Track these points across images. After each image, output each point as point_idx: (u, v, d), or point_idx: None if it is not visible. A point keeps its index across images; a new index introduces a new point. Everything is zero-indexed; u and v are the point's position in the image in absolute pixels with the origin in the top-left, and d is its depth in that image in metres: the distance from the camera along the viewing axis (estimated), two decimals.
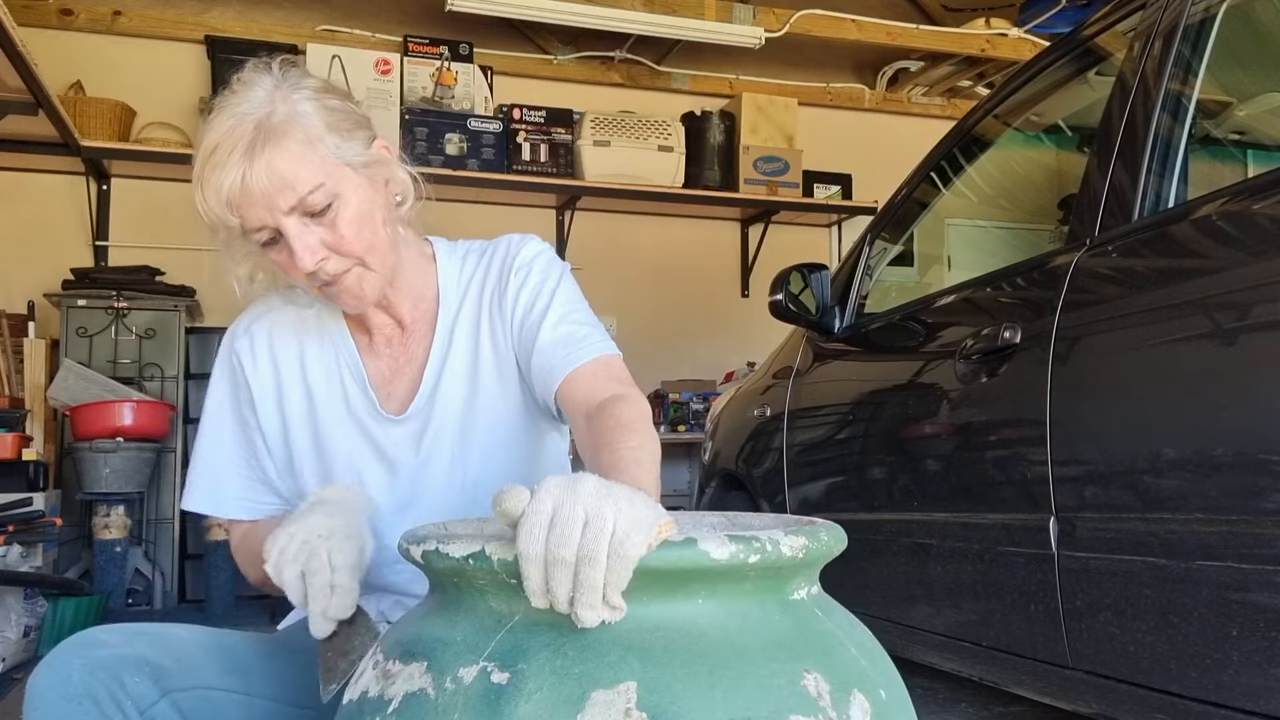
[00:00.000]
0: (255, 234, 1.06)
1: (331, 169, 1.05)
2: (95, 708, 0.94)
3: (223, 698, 1.05)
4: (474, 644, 0.70)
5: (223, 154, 1.01)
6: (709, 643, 0.69)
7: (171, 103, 4.78)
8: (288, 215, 1.04)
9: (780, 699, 0.68)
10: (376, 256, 1.10)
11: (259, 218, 1.03)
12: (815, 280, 2.65)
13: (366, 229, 1.08)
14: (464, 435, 1.20)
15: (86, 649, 0.98)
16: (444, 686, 0.69)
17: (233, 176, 1.01)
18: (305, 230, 1.05)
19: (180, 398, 4.45)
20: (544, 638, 0.69)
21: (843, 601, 0.84)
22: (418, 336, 1.22)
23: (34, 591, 3.33)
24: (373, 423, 1.21)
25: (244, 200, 1.02)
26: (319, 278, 1.08)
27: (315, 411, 1.22)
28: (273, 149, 1.01)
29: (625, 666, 0.66)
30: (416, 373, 1.21)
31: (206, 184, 1.03)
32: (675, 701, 0.65)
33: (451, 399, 1.20)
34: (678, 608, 0.71)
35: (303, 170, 1.03)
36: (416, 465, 1.20)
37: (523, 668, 0.67)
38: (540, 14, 4.68)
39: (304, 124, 1.04)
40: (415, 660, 0.72)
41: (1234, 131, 2.79)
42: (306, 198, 1.03)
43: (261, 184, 1.01)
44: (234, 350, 1.24)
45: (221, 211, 1.03)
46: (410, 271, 1.20)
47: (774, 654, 0.71)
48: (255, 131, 1.02)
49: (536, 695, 0.65)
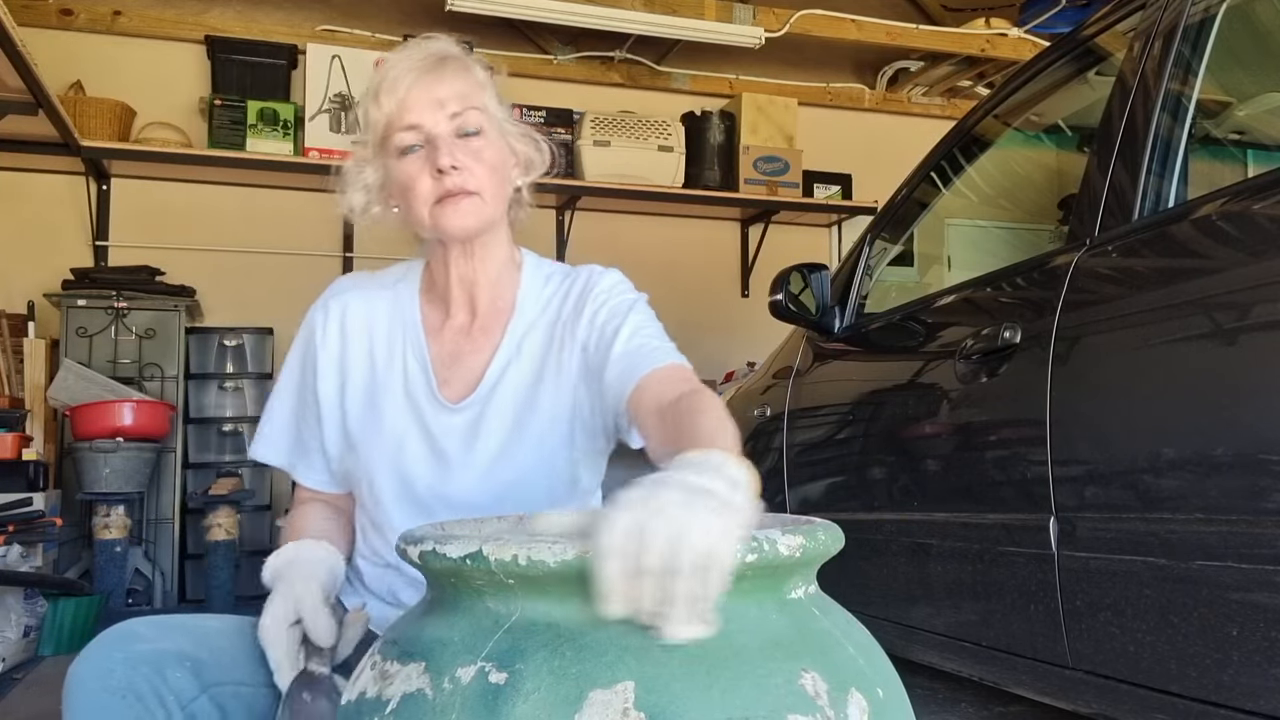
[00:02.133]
0: (405, 134, 1.15)
1: (489, 112, 1.20)
2: (138, 702, 0.94)
3: (251, 693, 1.05)
4: (472, 644, 0.70)
5: (412, 62, 1.16)
6: (706, 642, 0.69)
7: (171, 103, 4.78)
8: (448, 120, 1.16)
9: (778, 698, 0.68)
10: (495, 198, 1.20)
11: (421, 116, 1.15)
12: (815, 280, 2.65)
13: (497, 172, 1.20)
14: (513, 438, 1.22)
15: (127, 643, 0.98)
16: (442, 687, 0.69)
17: (414, 77, 1.15)
18: (453, 143, 1.16)
19: (180, 398, 4.45)
20: (541, 638, 0.69)
21: (842, 601, 0.84)
22: (486, 333, 1.26)
23: (34, 591, 3.33)
24: (427, 405, 1.23)
25: (419, 97, 1.15)
26: (444, 185, 1.15)
27: (376, 386, 1.25)
28: (454, 70, 1.18)
29: (623, 666, 0.66)
30: (479, 366, 1.24)
31: (385, 81, 1.16)
32: (673, 701, 0.65)
33: (507, 400, 1.22)
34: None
35: (472, 94, 1.18)
36: (463, 455, 1.22)
37: (520, 668, 0.67)
38: (540, 14, 4.68)
39: (476, 72, 1.21)
40: (413, 660, 0.72)
41: (1234, 131, 2.79)
42: (467, 112, 1.17)
43: (440, 87, 1.16)
44: (311, 318, 1.30)
45: (391, 106, 1.15)
46: (500, 254, 1.27)
47: (771, 653, 0.71)
48: (444, 54, 1.19)
49: (534, 695, 0.65)
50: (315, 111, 4.68)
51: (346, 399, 1.26)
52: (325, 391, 1.26)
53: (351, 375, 1.26)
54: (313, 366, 1.27)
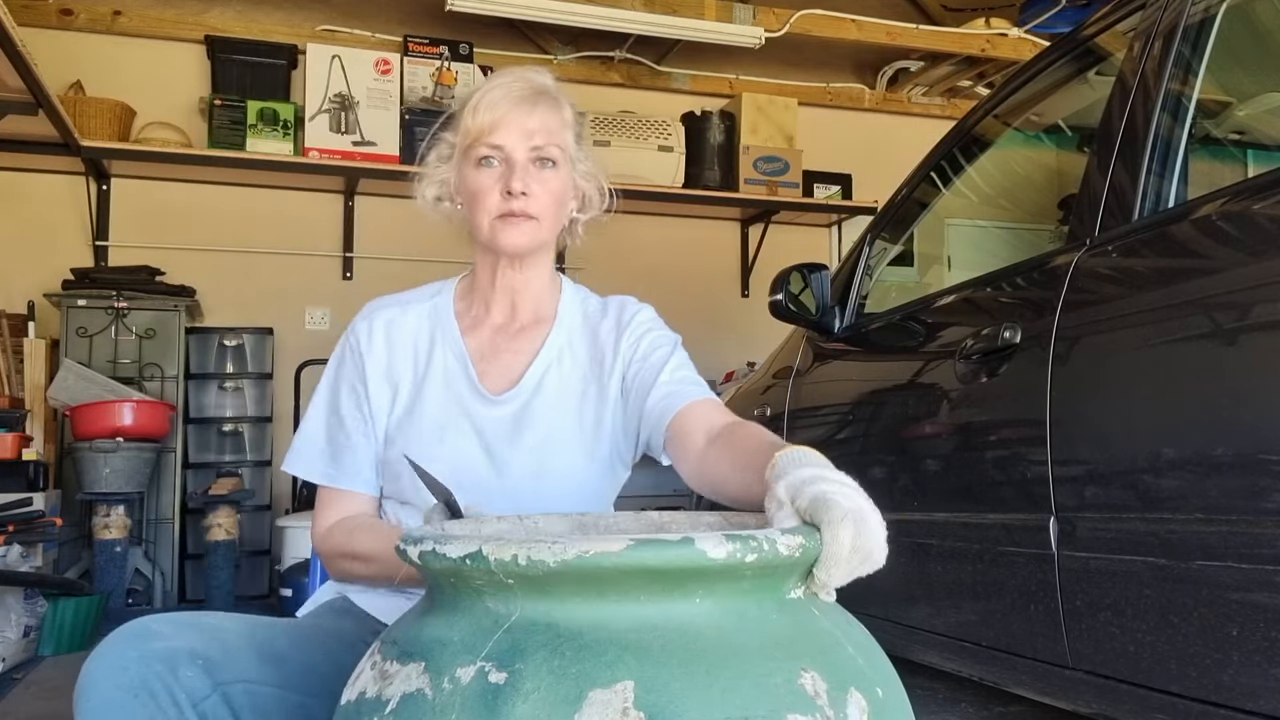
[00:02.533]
0: (486, 148, 1.26)
1: (566, 150, 1.31)
2: (151, 700, 0.94)
3: (261, 692, 1.05)
4: (471, 644, 0.70)
5: (518, 88, 1.27)
6: (706, 642, 0.69)
7: (171, 103, 4.78)
8: (529, 149, 1.26)
9: (778, 698, 0.68)
10: (550, 224, 1.31)
11: (505, 138, 1.25)
12: (815, 280, 2.65)
13: (559, 202, 1.31)
14: (556, 436, 1.29)
15: (141, 640, 0.98)
16: (441, 687, 0.69)
17: (512, 104, 1.26)
18: (528, 169, 1.27)
19: (180, 398, 4.45)
20: (541, 637, 0.69)
21: (842, 602, 0.84)
22: (526, 336, 1.34)
23: (34, 591, 3.33)
24: (470, 396, 1.30)
25: (510, 119, 1.25)
26: (510, 204, 1.26)
27: (417, 381, 1.31)
28: (547, 107, 1.29)
29: (622, 666, 0.67)
30: (520, 364, 1.32)
31: (486, 98, 1.26)
32: (673, 701, 0.65)
33: (548, 400, 1.31)
34: (675, 607, 0.71)
35: (556, 131, 1.29)
36: (508, 446, 1.28)
37: (520, 667, 0.67)
38: (540, 14, 4.68)
39: (568, 113, 1.32)
40: (413, 660, 0.72)
41: (1234, 131, 2.79)
42: (548, 146, 1.28)
43: (532, 120, 1.26)
44: (354, 330, 1.35)
45: (486, 121, 1.25)
46: (545, 274, 1.37)
47: (771, 653, 0.71)
48: (543, 90, 1.30)
49: (534, 695, 0.65)
50: (315, 111, 4.68)
51: (398, 397, 1.31)
52: (377, 394, 1.31)
53: (401, 383, 1.32)
54: (359, 373, 1.32)
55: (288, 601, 3.66)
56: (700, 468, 1.15)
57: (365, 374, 1.31)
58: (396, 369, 1.32)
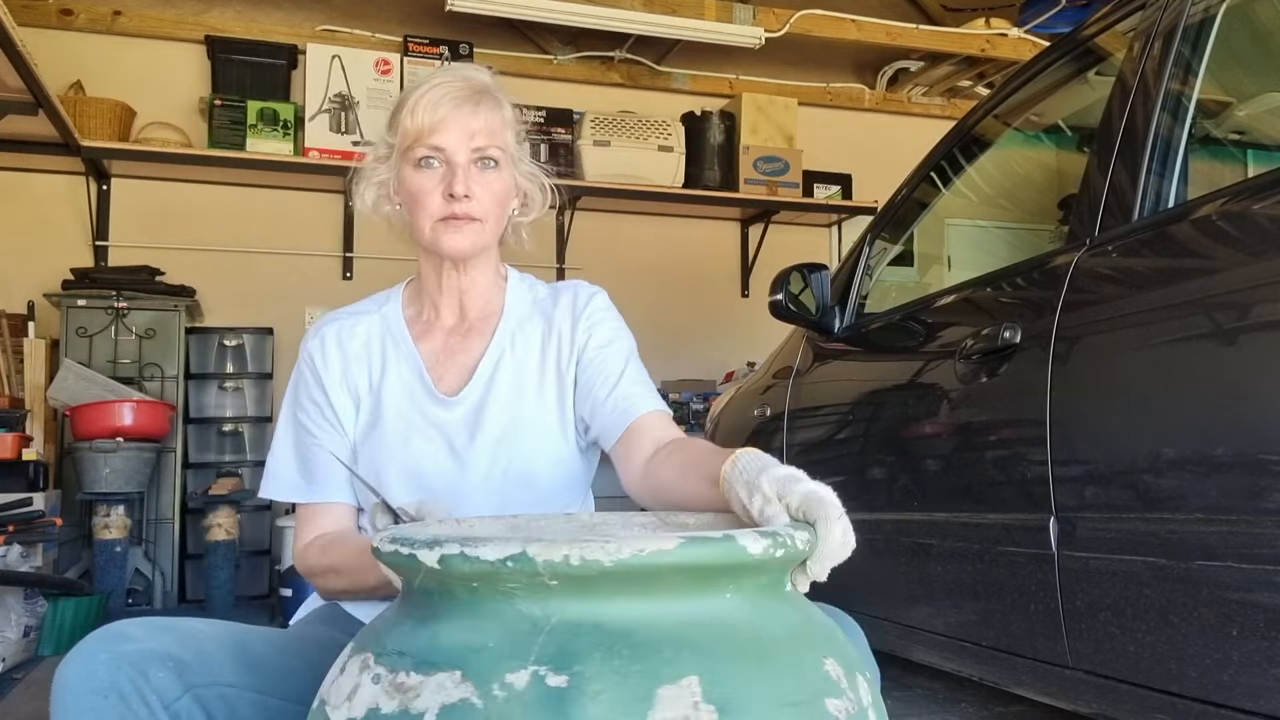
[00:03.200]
0: (426, 150, 1.23)
1: (508, 149, 1.29)
2: (121, 702, 0.95)
3: (238, 695, 1.05)
4: (514, 649, 0.69)
5: (453, 88, 1.24)
6: (745, 635, 0.71)
7: (171, 103, 4.78)
8: (471, 150, 1.24)
9: (815, 685, 0.72)
10: (493, 225, 1.30)
11: (446, 140, 1.23)
12: (815, 280, 2.65)
13: (501, 203, 1.30)
14: (514, 425, 1.29)
15: (113, 643, 0.99)
16: (492, 695, 0.67)
17: (452, 104, 1.23)
18: (470, 171, 1.25)
19: (180, 398, 4.45)
20: (590, 639, 0.68)
21: (843, 602, 0.86)
22: (476, 333, 1.34)
23: (34, 591, 3.33)
24: (426, 399, 1.30)
25: (450, 122, 1.23)
26: (451, 208, 1.24)
27: (374, 391, 1.32)
28: (489, 106, 1.26)
29: (682, 661, 0.68)
30: (471, 361, 1.32)
31: (425, 98, 1.23)
32: (737, 692, 0.68)
33: (503, 392, 1.30)
34: (710, 602, 0.72)
35: (499, 132, 1.27)
36: (469, 445, 1.28)
37: (580, 669, 0.67)
38: (540, 14, 4.68)
39: (508, 112, 1.30)
40: (440, 670, 0.69)
41: (1234, 131, 2.79)
42: (490, 147, 1.25)
43: (474, 120, 1.24)
44: (307, 350, 1.35)
45: (425, 123, 1.23)
46: (490, 272, 1.36)
47: (796, 643, 0.74)
48: (483, 89, 1.27)
49: (602, 696, 0.66)
50: (315, 111, 4.68)
51: (360, 412, 1.32)
52: (340, 404, 1.31)
53: (360, 392, 1.32)
54: (319, 387, 1.32)
55: (288, 602, 3.66)
56: (644, 475, 1.19)
57: (324, 386, 1.31)
58: (354, 378, 1.32)
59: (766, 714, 0.68)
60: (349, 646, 0.79)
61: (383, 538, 0.77)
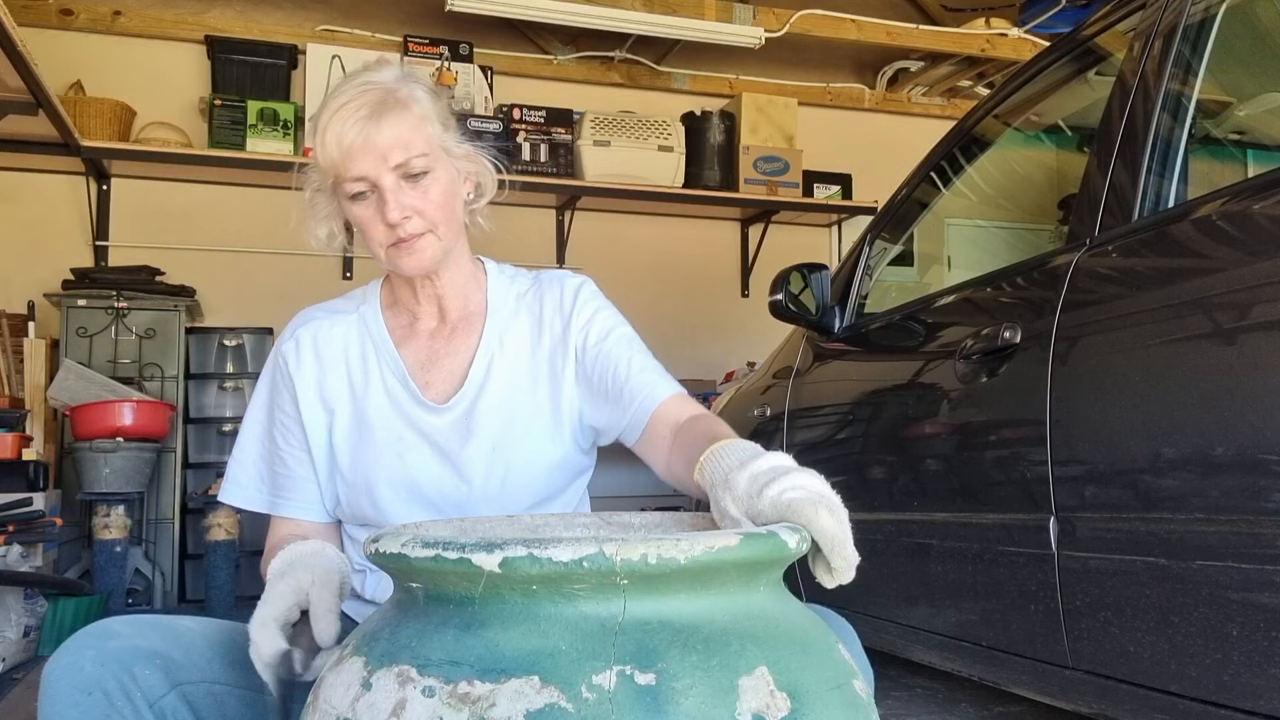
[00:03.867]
0: (353, 184, 1.17)
1: (434, 147, 1.20)
2: (105, 699, 0.95)
3: (227, 692, 1.06)
4: (590, 650, 0.68)
5: (351, 109, 1.16)
6: (782, 625, 0.74)
7: (171, 103, 4.78)
8: (392, 171, 1.17)
9: (841, 668, 0.76)
10: (448, 229, 1.23)
11: (365, 168, 1.16)
12: (815, 280, 2.65)
13: (448, 204, 1.22)
14: (508, 430, 1.26)
15: (100, 640, 0.99)
16: (581, 697, 0.66)
17: (356, 129, 1.15)
18: (400, 190, 1.18)
19: (180, 398, 4.45)
20: (662, 636, 0.69)
21: (843, 602, 0.88)
22: (461, 335, 1.30)
23: (34, 591, 3.33)
24: (413, 408, 1.27)
25: (361, 150, 1.15)
26: (396, 233, 1.19)
27: (358, 401, 1.28)
28: (396, 114, 1.17)
29: (750, 653, 0.70)
30: (460, 367, 1.28)
31: (329, 131, 1.16)
32: (799, 678, 0.70)
33: (499, 395, 1.27)
34: (753, 596, 0.75)
35: (415, 137, 1.18)
36: (461, 452, 1.25)
37: (664, 667, 0.67)
38: (540, 14, 4.68)
39: (421, 106, 1.20)
40: (512, 677, 0.67)
41: (1234, 131, 2.79)
42: (412, 159, 1.17)
43: (381, 138, 1.15)
44: (281, 353, 1.31)
45: (335, 157, 1.16)
46: (464, 269, 1.31)
47: (819, 631, 0.78)
48: (384, 97, 1.17)
49: (693, 691, 0.67)
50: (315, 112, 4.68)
51: (335, 424, 1.27)
52: (311, 418, 1.27)
53: (336, 402, 1.28)
54: (291, 396, 1.28)
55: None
56: (668, 464, 1.17)
57: (296, 396, 1.27)
58: (330, 388, 1.28)
59: (822, 696, 0.71)
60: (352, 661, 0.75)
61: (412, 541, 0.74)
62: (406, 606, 0.77)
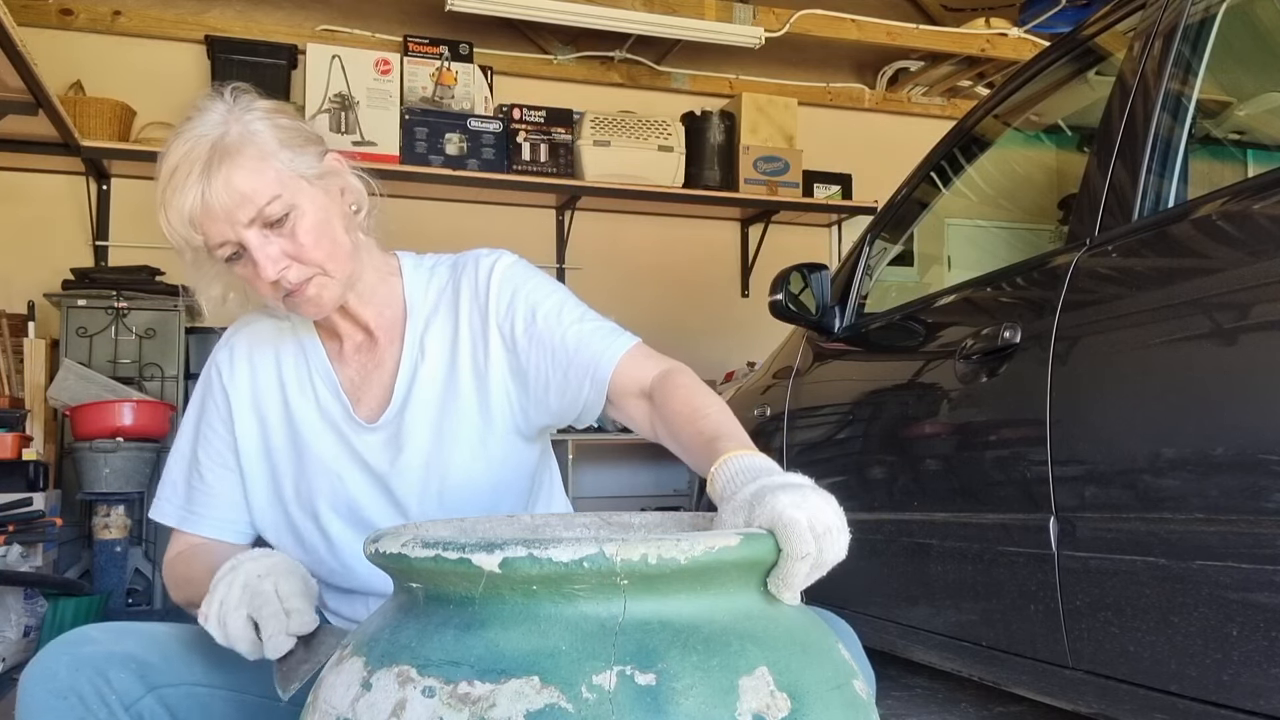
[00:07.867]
0: (219, 249, 1.09)
1: (287, 181, 1.10)
2: (80, 704, 0.96)
3: (209, 694, 1.06)
4: (590, 650, 0.68)
5: (181, 175, 1.07)
6: (783, 625, 0.74)
7: (171, 103, 4.77)
8: (248, 228, 1.07)
9: (844, 668, 0.76)
10: (336, 264, 1.14)
11: (221, 233, 1.08)
12: (815, 280, 2.65)
13: (325, 237, 1.12)
14: (438, 443, 1.20)
15: (74, 646, 1.00)
16: (581, 697, 0.66)
17: (193, 196, 1.06)
18: (266, 241, 1.09)
19: (180, 398, 4.45)
20: (662, 636, 0.69)
21: (843, 602, 0.88)
22: (385, 345, 1.24)
23: (34, 591, 3.33)
24: (348, 428, 1.22)
25: (205, 217, 1.07)
26: (282, 287, 1.11)
27: (292, 416, 1.24)
28: (229, 166, 1.06)
29: (750, 654, 0.70)
30: (388, 380, 1.23)
31: (169, 205, 1.08)
32: (799, 678, 0.70)
33: (425, 407, 1.21)
34: (748, 596, 0.75)
35: (259, 183, 1.07)
36: (392, 472, 1.21)
37: (664, 667, 0.67)
38: (540, 14, 4.68)
39: (257, 141, 1.09)
40: (512, 677, 0.67)
41: (1234, 131, 2.79)
42: (265, 209, 1.07)
43: (221, 199, 1.06)
44: (215, 362, 1.27)
45: (186, 231, 1.08)
46: (373, 279, 1.23)
47: (817, 631, 0.78)
48: (211, 151, 1.06)
49: (693, 690, 0.67)
50: (315, 111, 4.67)
51: (268, 431, 1.24)
52: (244, 430, 1.24)
53: (268, 406, 1.24)
54: (220, 411, 1.24)
55: None
56: (652, 430, 1.10)
57: (230, 408, 1.24)
58: (262, 400, 1.24)
59: (822, 696, 0.71)
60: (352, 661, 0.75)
61: (412, 541, 0.73)
62: (406, 607, 0.77)
